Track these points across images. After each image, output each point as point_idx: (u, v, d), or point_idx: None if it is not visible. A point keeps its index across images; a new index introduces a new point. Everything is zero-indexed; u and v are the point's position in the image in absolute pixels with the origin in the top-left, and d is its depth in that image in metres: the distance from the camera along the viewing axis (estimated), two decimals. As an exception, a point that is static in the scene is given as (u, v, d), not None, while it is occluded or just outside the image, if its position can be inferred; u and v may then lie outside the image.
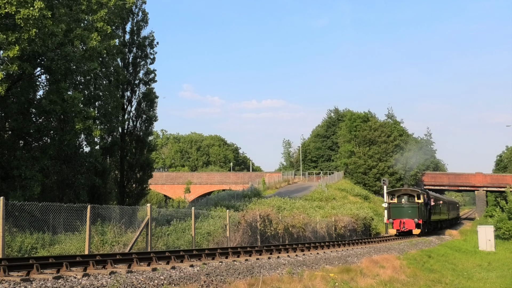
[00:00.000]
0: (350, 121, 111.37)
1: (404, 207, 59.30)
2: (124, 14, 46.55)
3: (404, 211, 59.10)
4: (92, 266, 16.53)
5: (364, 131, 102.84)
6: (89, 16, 36.61)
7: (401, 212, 59.38)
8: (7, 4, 28.07)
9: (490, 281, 30.19)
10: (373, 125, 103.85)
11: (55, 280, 13.62)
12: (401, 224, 57.77)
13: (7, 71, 28.97)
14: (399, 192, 62.15)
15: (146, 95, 52.51)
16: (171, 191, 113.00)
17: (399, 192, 61.89)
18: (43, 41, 30.51)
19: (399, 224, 58.00)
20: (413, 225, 57.18)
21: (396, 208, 60.15)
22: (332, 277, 20.36)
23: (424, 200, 60.88)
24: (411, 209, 58.57)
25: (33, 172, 33.17)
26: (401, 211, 59.43)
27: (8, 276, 13.86)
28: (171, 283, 15.03)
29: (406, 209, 59.01)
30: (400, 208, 59.61)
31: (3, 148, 35.69)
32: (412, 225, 57.22)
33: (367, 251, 32.97)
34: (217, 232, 34.96)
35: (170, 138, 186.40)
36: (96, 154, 41.26)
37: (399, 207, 59.85)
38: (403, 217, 58.38)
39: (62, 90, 33.78)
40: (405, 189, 63.55)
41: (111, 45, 37.16)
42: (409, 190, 62.44)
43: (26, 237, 27.42)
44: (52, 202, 28.97)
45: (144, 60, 52.78)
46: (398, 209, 59.77)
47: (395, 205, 60.33)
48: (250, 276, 17.83)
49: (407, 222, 57.63)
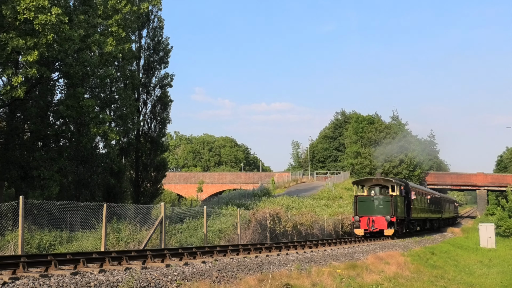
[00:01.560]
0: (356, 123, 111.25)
1: (373, 201, 44.94)
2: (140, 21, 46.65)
3: (373, 206, 44.81)
4: (108, 262, 16.49)
5: (369, 133, 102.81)
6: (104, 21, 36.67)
7: (369, 207, 44.99)
8: (26, 10, 28.11)
9: (490, 277, 30.10)
10: (379, 126, 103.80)
11: (73, 276, 13.58)
12: (370, 222, 43.58)
13: (26, 74, 29.00)
14: (369, 182, 48.32)
15: (161, 98, 52.65)
16: (184, 190, 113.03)
17: (369, 183, 48.14)
18: (60, 45, 30.54)
19: (366, 222, 43.70)
20: (384, 224, 43.12)
21: (363, 203, 45.60)
22: (339, 273, 20.30)
23: (400, 193, 46.59)
24: (382, 204, 44.37)
25: (51, 172, 33.21)
26: (369, 206, 45.02)
27: (27, 272, 13.83)
28: (184, 278, 14.98)
29: (375, 204, 44.73)
30: (369, 202, 45.25)
31: (23, 149, 35.78)
32: (383, 224, 43.17)
33: (372, 248, 32.87)
34: (228, 230, 34.91)
35: (183, 139, 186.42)
36: (112, 155, 41.29)
37: (367, 201, 45.44)
38: (372, 213, 44.18)
39: (79, 95, 33.80)
40: (376, 179, 48.19)
41: (125, 49, 37.16)
42: (381, 180, 47.54)
43: (44, 235, 27.46)
44: (69, 201, 29.00)
45: (159, 64, 52.89)
46: (366, 204, 45.34)
47: (363, 199, 45.91)
48: (260, 272, 17.78)
49: (377, 220, 43.48)
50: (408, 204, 48.97)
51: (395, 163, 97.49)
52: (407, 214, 48.63)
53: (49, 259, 15.65)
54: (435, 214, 66.36)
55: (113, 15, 37.17)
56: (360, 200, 45.90)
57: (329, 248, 29.81)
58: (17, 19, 28.55)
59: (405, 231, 49.10)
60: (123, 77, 43.91)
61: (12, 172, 34.74)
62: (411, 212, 50.41)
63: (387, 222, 43.08)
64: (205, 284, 14.05)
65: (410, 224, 51.84)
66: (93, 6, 36.92)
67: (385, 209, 43.97)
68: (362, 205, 45.57)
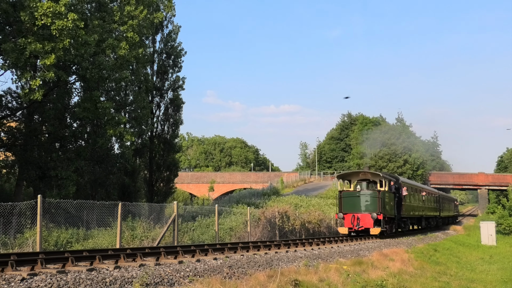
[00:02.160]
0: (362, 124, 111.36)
1: (359, 197, 39.80)
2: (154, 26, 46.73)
3: (359, 202, 39.76)
4: (123, 259, 16.50)
5: (375, 134, 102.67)
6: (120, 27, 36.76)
7: (355, 203, 39.98)
8: (43, 16, 28.19)
9: (491, 273, 30.10)
10: (384, 128, 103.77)
11: (89, 272, 13.59)
12: (354, 220, 38.74)
13: (43, 78, 29.07)
14: (355, 176, 43.14)
15: (173, 101, 52.83)
16: (196, 190, 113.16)
17: (356, 177, 42.97)
18: (76, 50, 30.61)
19: (351, 220, 38.79)
20: (370, 222, 38.36)
21: (348, 198, 40.47)
22: (345, 269, 20.28)
23: (389, 188, 41.55)
24: (369, 200, 39.31)
25: (68, 172, 33.30)
26: (355, 202, 39.97)
27: (45, 268, 13.84)
28: (196, 274, 14.98)
29: (361, 200, 39.65)
30: (354, 198, 40.12)
31: (41, 150, 35.89)
32: (369, 222, 38.41)
33: (377, 245, 32.82)
34: (239, 228, 34.93)
35: (195, 141, 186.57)
36: (127, 155, 41.40)
37: (353, 197, 40.24)
38: (357, 210, 39.29)
39: (95, 98, 33.89)
40: (363, 173, 42.82)
41: (139, 54, 37.22)
42: (368, 174, 42.07)
43: (61, 232, 27.52)
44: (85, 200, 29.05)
45: (172, 68, 53.08)
46: (352, 200, 40.21)
47: (348, 194, 40.67)
48: (269, 268, 17.76)
49: (363, 217, 38.77)
50: (399, 201, 43.94)
51: (399, 163, 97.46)
52: (397, 212, 43.52)
53: (66, 256, 15.67)
54: (432, 212, 61.14)
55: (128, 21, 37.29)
56: (345, 196, 40.49)
57: (335, 245, 29.78)
58: (35, 25, 28.64)
59: (395, 230, 44.26)
60: (138, 81, 44.00)
61: (30, 172, 34.83)
62: (403, 209, 44.93)
63: (373, 220, 37.98)
64: (217, 280, 14.04)
65: (402, 223, 46.54)
66: (109, 12, 37.01)
67: (371, 206, 38.90)
68: (347, 201, 40.28)
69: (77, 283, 12.08)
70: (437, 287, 22.65)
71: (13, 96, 35.57)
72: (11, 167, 36.72)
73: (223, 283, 13.95)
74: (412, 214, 49.86)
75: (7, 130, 35.43)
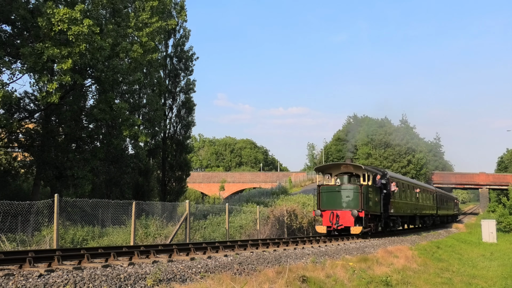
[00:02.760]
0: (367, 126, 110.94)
1: (339, 192, 34.41)
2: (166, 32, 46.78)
3: (338, 197, 34.37)
4: (137, 256, 16.51)
5: (380, 135, 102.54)
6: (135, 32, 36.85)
7: (334, 199, 34.59)
8: (60, 22, 28.25)
9: (492, 269, 30.10)
10: (388, 130, 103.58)
11: (104, 268, 13.60)
12: (333, 217, 33.56)
13: (60, 81, 29.12)
14: (336, 169, 37.65)
15: (185, 103, 52.90)
16: (207, 189, 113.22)
17: (336, 170, 37.55)
18: (92, 54, 30.67)
19: (330, 217, 33.64)
20: (351, 220, 33.15)
21: (327, 194, 35.08)
22: (351, 266, 20.24)
23: (374, 182, 36.61)
24: (350, 195, 34.00)
25: (84, 172, 33.35)
26: (334, 198, 34.59)
27: (61, 265, 13.86)
28: (208, 271, 14.97)
29: (342, 195, 34.31)
30: (333, 194, 34.71)
31: (58, 151, 35.95)
32: (349, 220, 33.22)
33: (382, 242, 32.71)
34: (249, 226, 34.93)
35: (206, 142, 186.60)
36: (141, 155, 41.49)
37: (332, 192, 34.79)
38: (337, 207, 34.09)
39: (110, 100, 33.97)
40: (345, 165, 37.32)
41: (153, 58, 37.30)
42: (350, 167, 36.91)
43: (77, 230, 27.61)
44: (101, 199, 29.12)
45: (184, 72, 53.17)
46: (331, 195, 34.80)
47: (327, 189, 35.31)
48: (278, 265, 17.74)
49: (343, 215, 33.48)
50: (387, 197, 38.30)
51: (403, 163, 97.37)
52: (384, 209, 37.88)
53: (82, 253, 15.70)
54: (427, 210, 55.31)
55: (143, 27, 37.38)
56: (324, 191, 35.10)
57: (342, 243, 29.72)
58: (52, 30, 28.69)
59: (382, 228, 39.20)
60: (151, 84, 44.07)
61: (47, 172, 34.91)
62: (391, 206, 39.10)
63: (354, 217, 32.74)
64: (227, 276, 14.03)
65: (390, 221, 40.74)
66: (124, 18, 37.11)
67: (353, 202, 33.61)
68: (325, 196, 34.89)
69: (92, 279, 12.09)
70: (440, 283, 22.63)
71: (31, 99, 35.69)
72: (29, 167, 36.88)
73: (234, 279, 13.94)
74: (403, 212, 43.97)
75: (25, 131, 35.53)
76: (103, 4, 34.25)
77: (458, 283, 23.66)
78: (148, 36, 36.83)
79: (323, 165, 39.42)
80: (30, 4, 31.49)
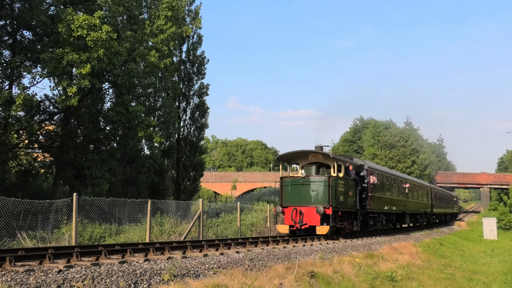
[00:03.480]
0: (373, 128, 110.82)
1: (304, 185, 28.23)
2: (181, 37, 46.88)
3: (304, 191, 28.21)
4: (152, 252, 16.51)
5: (385, 137, 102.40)
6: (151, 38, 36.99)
7: (299, 193, 28.37)
8: (79, 28, 28.36)
9: (493, 265, 30.07)
10: (393, 131, 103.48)
11: (120, 264, 13.62)
12: (297, 215, 27.47)
13: (79, 85, 29.22)
14: (303, 158, 30.81)
15: (199, 106, 53.07)
16: (219, 188, 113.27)
17: (304, 159, 30.83)
18: (109, 59, 30.76)
19: (292, 215, 27.50)
20: (315, 218, 26.99)
21: (292, 187, 28.81)
22: (357, 262, 20.20)
23: (347, 174, 29.86)
24: (317, 188, 27.81)
25: (102, 172, 33.45)
26: (299, 192, 28.40)
27: (80, 261, 13.89)
28: (220, 267, 14.97)
29: (307, 188, 28.15)
30: (298, 187, 28.53)
31: (76, 152, 36.07)
32: (314, 218, 27.06)
33: (387, 239, 32.63)
34: (259, 223, 34.94)
35: (219, 143, 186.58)
36: (156, 156, 41.60)
37: (296, 185, 28.61)
38: (302, 202, 27.88)
39: (126, 102, 34.07)
40: (313, 154, 30.16)
41: (168, 63, 37.41)
42: (320, 156, 29.82)
43: (95, 228, 27.69)
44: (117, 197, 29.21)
45: (197, 76, 53.30)
46: (295, 189, 28.65)
47: (292, 182, 28.96)
48: (287, 261, 17.71)
49: (308, 212, 27.36)
50: (364, 191, 31.92)
51: (408, 164, 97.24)
52: (361, 205, 31.62)
53: (99, 250, 15.72)
54: (420, 208, 48.43)
55: (158, 34, 37.51)
56: (287, 184, 28.74)
57: (349, 240, 29.62)
58: (72, 36, 28.81)
59: (358, 228, 33.47)
60: (165, 87, 44.16)
61: (66, 172, 35.05)
62: (369, 201, 32.06)
63: (320, 215, 26.49)
64: (239, 271, 14.03)
65: (370, 219, 33.77)
66: (140, 25, 37.26)
67: (320, 197, 27.35)
68: (289, 190, 28.57)
69: (109, 275, 12.11)
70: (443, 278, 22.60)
71: (51, 102, 35.83)
72: (49, 167, 36.98)
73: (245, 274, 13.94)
74: (387, 208, 36.76)
75: (45, 133, 35.67)
76: (120, 12, 34.41)
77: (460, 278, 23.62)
78: (163, 42, 36.99)
79: (288, 153, 30.78)
80: (50, 11, 31.66)
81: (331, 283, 16.18)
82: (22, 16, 29.56)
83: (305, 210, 27.16)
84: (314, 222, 26.80)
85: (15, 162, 35.27)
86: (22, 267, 12.24)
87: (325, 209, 26.56)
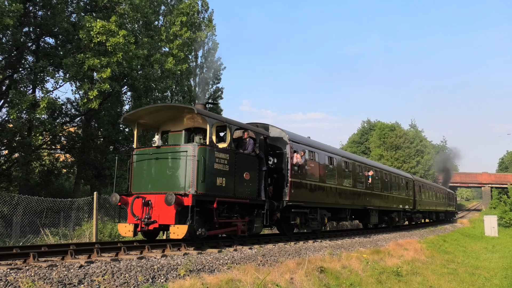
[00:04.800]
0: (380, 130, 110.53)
1: (157, 160, 16.64)
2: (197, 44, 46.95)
3: (157, 170, 16.72)
4: (169, 248, 16.48)
5: (391, 138, 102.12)
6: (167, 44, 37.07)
7: (148, 173, 16.93)
8: (99, 34, 28.45)
9: (494, 261, 30.19)
10: (399, 133, 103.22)
11: (139, 260, 13.62)
12: (142, 208, 16.24)
13: (100, 89, 29.29)
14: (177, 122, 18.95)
15: (213, 110, 52.91)
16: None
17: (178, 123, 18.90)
18: (128, 63, 30.85)
19: (133, 207, 16.45)
20: (170, 213, 15.71)
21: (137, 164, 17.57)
22: (365, 258, 20.18)
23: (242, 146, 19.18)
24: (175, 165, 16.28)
25: (121, 171, 33.48)
26: (148, 172, 16.95)
27: (100, 257, 13.90)
28: (234, 262, 14.95)
29: (161, 166, 16.64)
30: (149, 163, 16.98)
31: (97, 152, 36.19)
32: (168, 213, 15.78)
33: (393, 236, 32.55)
34: (271, 221, 34.87)
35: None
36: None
37: (144, 161, 17.19)
38: (151, 187, 16.67)
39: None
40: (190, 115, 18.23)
41: (183, 68, 37.47)
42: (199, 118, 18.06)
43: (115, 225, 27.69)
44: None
45: (213, 81, 53.22)
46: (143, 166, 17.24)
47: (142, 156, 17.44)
48: (298, 257, 17.68)
49: (158, 203, 16.01)
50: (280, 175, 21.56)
51: (413, 164, 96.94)
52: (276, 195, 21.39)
53: (119, 246, 15.74)
54: (394, 203, 37.63)
55: (174, 40, 37.58)
56: (138, 159, 17.75)
57: (356, 237, 29.61)
58: (92, 42, 28.89)
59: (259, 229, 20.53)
60: (182, 91, 44.15)
61: (87, 172, 35.14)
62: (290, 191, 21.49)
63: (175, 208, 15.68)
64: (251, 266, 14.01)
65: (295, 216, 23.11)
66: (157, 31, 37.36)
67: (178, 178, 16.34)
68: (138, 169, 17.61)
69: (128, 270, 12.12)
70: (446, 273, 22.63)
71: (72, 105, 35.95)
72: (71, 167, 37.17)
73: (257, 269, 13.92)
74: (332, 202, 26.42)
75: (67, 134, 35.80)
76: (136, 18, 34.50)
77: (463, 273, 23.64)
78: (178, 47, 37.06)
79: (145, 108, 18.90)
80: (72, 18, 31.78)
81: (339, 278, 16.17)
82: (45, 23, 29.64)
83: (154, 200, 16.31)
84: (167, 219, 16.10)
85: (38, 163, 35.39)
86: (45, 262, 12.28)
87: (181, 197, 15.60)
